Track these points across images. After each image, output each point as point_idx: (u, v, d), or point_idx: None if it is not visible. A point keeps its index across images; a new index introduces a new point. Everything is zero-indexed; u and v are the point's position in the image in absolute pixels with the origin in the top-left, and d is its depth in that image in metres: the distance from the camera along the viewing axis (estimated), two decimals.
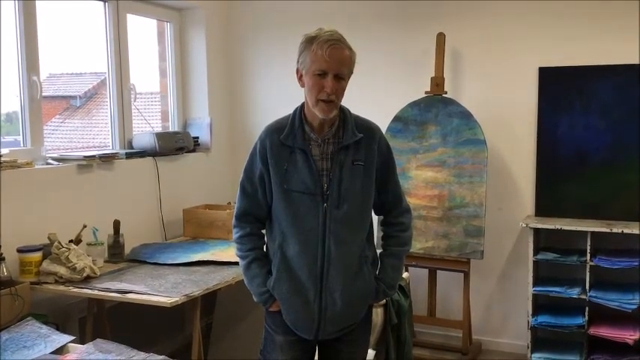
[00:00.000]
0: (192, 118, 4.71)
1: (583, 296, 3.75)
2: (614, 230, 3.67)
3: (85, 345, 2.60)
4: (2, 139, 3.43)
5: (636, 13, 3.82)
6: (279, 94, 4.61)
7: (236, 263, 2.69)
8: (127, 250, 3.59)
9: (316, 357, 2.39)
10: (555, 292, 3.83)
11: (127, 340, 2.63)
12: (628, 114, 3.85)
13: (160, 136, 4.09)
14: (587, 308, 3.75)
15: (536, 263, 3.91)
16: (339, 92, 2.15)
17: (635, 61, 3.82)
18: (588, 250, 3.73)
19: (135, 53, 4.16)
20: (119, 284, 3.01)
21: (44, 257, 3.07)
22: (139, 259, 3.50)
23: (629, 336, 3.62)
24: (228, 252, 3.51)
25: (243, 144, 4.61)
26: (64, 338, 2.62)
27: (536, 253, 3.90)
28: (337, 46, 2.13)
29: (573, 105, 3.99)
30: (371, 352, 2.88)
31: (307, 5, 4.55)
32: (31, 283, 2.96)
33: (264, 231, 2.34)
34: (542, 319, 3.88)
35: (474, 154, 3.97)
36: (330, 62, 2.11)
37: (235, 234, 2.32)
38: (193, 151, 4.50)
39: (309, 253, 2.18)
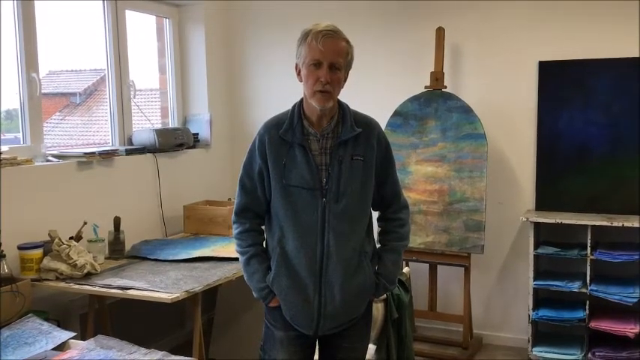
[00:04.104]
0: (192, 115, 4.71)
1: (584, 290, 3.75)
2: (615, 224, 3.67)
3: (86, 341, 2.60)
4: (2, 137, 3.43)
5: (636, 7, 3.81)
6: (279, 89, 4.61)
7: (236, 259, 2.70)
8: (128, 246, 3.60)
9: (317, 352, 2.40)
10: (556, 286, 3.84)
11: (128, 336, 2.63)
12: (628, 108, 3.85)
13: (160, 133, 4.09)
14: (587, 302, 3.75)
15: (536, 257, 3.91)
16: (335, 83, 2.15)
17: (635, 55, 3.81)
18: (589, 244, 3.74)
19: (134, 50, 4.16)
20: (120, 280, 3.02)
21: (45, 254, 3.08)
22: (139, 256, 3.51)
23: (629, 329, 3.62)
24: (229, 248, 3.51)
25: (243, 140, 4.61)
26: (65, 334, 2.62)
27: (536, 247, 3.91)
28: (332, 36, 2.14)
29: (573, 99, 3.98)
30: (372, 347, 2.89)
31: (307, 0, 4.54)
32: (32, 280, 2.96)
33: (263, 227, 2.34)
34: (543, 313, 3.88)
35: (474, 149, 3.97)
36: (324, 52, 2.11)
37: (235, 230, 2.32)
38: (193, 147, 4.50)
39: (308, 248, 2.18)
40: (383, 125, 3.47)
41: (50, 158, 3.48)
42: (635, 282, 3.70)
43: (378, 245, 2.39)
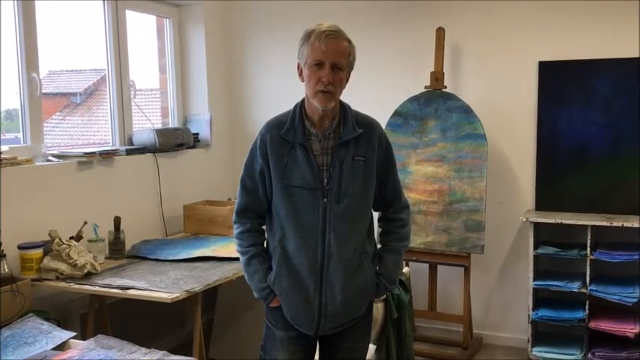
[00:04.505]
0: (192, 114, 4.71)
1: (583, 290, 3.75)
2: (614, 224, 3.68)
3: (86, 341, 2.60)
4: (2, 137, 3.43)
5: (636, 7, 3.81)
6: (279, 89, 4.61)
7: (236, 259, 2.70)
8: (128, 246, 3.60)
9: (317, 352, 2.40)
10: (556, 286, 3.84)
11: (128, 336, 2.63)
12: (628, 108, 3.85)
13: (160, 133, 4.09)
14: (587, 302, 3.75)
15: (536, 257, 3.91)
16: (337, 83, 2.15)
17: (635, 55, 3.81)
18: (588, 244, 3.74)
19: (134, 49, 4.16)
20: (120, 280, 3.02)
21: (45, 254, 3.08)
22: (139, 256, 3.51)
23: (629, 329, 3.62)
24: (229, 248, 3.51)
25: (244, 140, 4.62)
26: (65, 334, 2.62)
27: (536, 247, 3.91)
28: (334, 36, 2.14)
29: (573, 99, 3.98)
30: (371, 347, 2.89)
31: (307, 0, 4.54)
32: (32, 280, 2.97)
33: (264, 227, 2.34)
34: (543, 313, 3.88)
35: (474, 149, 3.97)
36: (326, 52, 2.12)
37: (236, 230, 2.32)
38: (193, 147, 4.50)
39: (309, 248, 2.18)
40: (383, 125, 3.46)
41: (50, 158, 3.48)
42: (634, 282, 3.70)
43: (378, 245, 2.39)
